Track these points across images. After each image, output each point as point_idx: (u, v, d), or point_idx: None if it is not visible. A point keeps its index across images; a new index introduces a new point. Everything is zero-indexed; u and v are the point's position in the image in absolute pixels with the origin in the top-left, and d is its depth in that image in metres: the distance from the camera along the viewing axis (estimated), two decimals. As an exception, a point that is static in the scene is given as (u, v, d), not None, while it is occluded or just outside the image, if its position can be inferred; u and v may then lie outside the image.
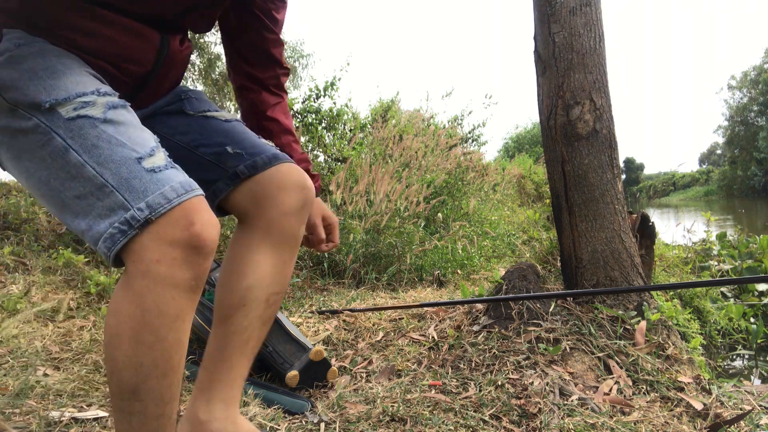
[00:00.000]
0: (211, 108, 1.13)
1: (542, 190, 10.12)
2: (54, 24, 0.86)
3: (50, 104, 0.78)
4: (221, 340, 1.04)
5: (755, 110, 39.11)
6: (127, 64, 0.95)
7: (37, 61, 0.81)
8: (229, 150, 1.03)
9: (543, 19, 2.23)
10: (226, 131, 1.07)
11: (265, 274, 1.03)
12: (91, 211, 0.76)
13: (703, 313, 2.89)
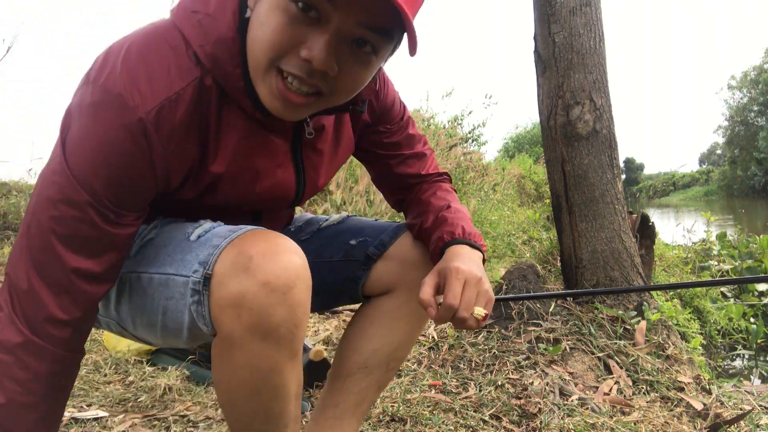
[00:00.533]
0: (320, 221, 1.11)
1: (542, 190, 10.12)
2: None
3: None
4: (336, 396, 1.02)
5: (755, 110, 39.16)
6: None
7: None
8: (353, 243, 1.02)
9: (543, 19, 2.23)
10: (344, 230, 1.06)
11: (394, 340, 1.01)
12: (176, 307, 0.73)
13: (703, 313, 2.89)
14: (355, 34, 0.66)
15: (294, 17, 0.64)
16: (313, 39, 0.65)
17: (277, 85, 0.68)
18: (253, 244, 0.69)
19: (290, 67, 0.67)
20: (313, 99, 0.71)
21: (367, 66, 0.71)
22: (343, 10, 0.64)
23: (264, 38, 0.66)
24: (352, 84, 0.72)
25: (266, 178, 0.84)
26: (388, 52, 0.74)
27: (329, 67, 0.66)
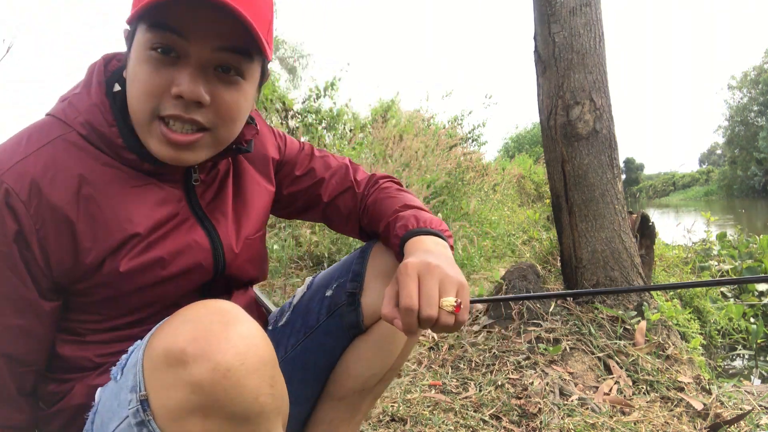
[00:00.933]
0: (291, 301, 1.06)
1: (542, 190, 10.12)
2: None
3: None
4: (329, 413, 0.98)
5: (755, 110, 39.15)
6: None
7: None
8: (329, 293, 0.98)
9: (543, 19, 2.24)
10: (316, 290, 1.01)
11: (392, 359, 0.97)
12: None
13: (703, 313, 2.89)
14: (215, 60, 0.70)
15: (157, 63, 0.68)
16: (178, 76, 0.68)
17: (161, 131, 0.70)
18: (178, 333, 0.60)
19: (168, 110, 0.69)
20: (200, 135, 0.72)
21: (238, 89, 0.73)
22: (197, 41, 0.68)
23: (138, 91, 0.70)
24: (229, 110, 0.73)
25: (171, 238, 0.77)
26: (255, 73, 0.76)
27: (200, 96, 0.69)
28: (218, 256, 0.83)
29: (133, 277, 0.74)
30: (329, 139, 6.26)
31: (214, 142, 0.75)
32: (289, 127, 5.93)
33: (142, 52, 0.69)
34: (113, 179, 0.73)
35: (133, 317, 0.79)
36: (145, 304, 0.79)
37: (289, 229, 3.97)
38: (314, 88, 6.51)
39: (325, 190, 1.00)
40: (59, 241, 0.70)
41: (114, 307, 0.77)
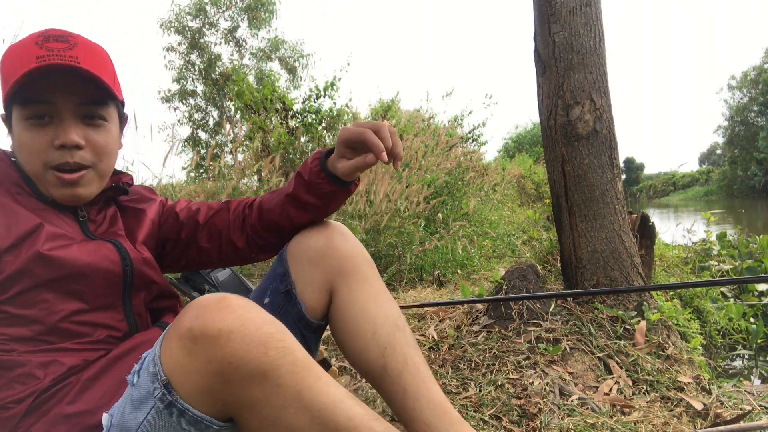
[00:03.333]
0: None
1: (542, 190, 10.12)
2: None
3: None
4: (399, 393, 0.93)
5: (755, 110, 39.09)
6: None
7: None
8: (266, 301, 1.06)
9: (543, 19, 2.24)
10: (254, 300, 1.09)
11: (368, 307, 0.99)
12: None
13: (703, 313, 2.89)
14: (81, 112, 0.89)
15: (37, 128, 0.86)
16: (57, 131, 0.86)
17: (55, 175, 0.88)
18: (183, 318, 0.68)
19: (56, 159, 0.87)
20: (85, 170, 0.90)
21: (104, 130, 0.92)
22: (62, 103, 0.86)
23: (28, 154, 0.87)
24: (101, 147, 0.92)
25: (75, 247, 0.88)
26: (114, 115, 0.95)
27: (76, 141, 0.87)
28: (123, 252, 0.94)
29: (49, 266, 0.83)
30: (329, 139, 6.26)
31: (97, 176, 0.93)
32: (289, 127, 5.92)
33: (22, 124, 0.86)
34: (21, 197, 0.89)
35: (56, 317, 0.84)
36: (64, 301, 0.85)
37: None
38: (314, 88, 6.51)
39: (200, 214, 1.13)
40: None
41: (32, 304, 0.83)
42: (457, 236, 4.55)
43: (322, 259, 1.01)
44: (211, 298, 0.69)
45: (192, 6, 14.84)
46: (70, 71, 0.84)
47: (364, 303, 1.00)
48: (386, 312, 1.00)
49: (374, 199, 3.94)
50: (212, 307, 0.67)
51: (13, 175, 0.91)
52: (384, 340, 0.96)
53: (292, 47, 15.69)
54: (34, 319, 0.83)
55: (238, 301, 0.69)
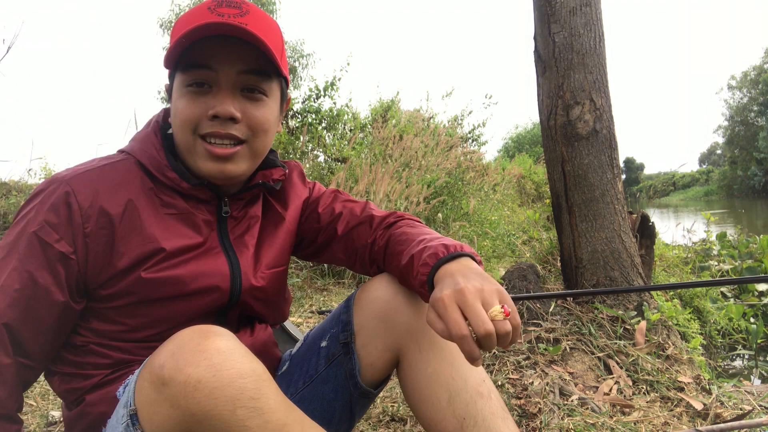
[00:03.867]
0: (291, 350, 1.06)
1: (542, 190, 10.12)
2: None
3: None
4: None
5: (755, 110, 39.11)
6: None
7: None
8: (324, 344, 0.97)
9: (543, 19, 2.24)
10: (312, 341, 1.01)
11: (441, 371, 0.87)
12: None
13: (703, 313, 2.89)
14: (241, 82, 0.83)
15: (193, 95, 0.83)
16: (213, 101, 0.82)
17: (204, 147, 0.83)
18: (161, 352, 0.65)
19: (206, 129, 0.82)
20: (238, 147, 0.85)
21: (263, 105, 0.86)
22: (223, 69, 0.82)
23: (180, 119, 0.83)
24: (258, 123, 0.86)
25: (195, 261, 0.85)
26: (276, 91, 0.89)
27: (232, 113, 0.82)
28: (235, 281, 0.89)
29: (153, 287, 0.82)
30: (329, 139, 6.26)
31: (251, 154, 0.87)
32: (289, 127, 5.93)
33: (181, 90, 0.83)
34: (154, 204, 0.85)
35: (151, 331, 0.84)
36: (162, 319, 0.84)
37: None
38: (314, 87, 6.51)
39: (341, 223, 1.02)
40: (99, 240, 0.79)
41: (134, 316, 0.83)
42: (457, 236, 4.55)
43: (391, 315, 0.90)
44: (192, 335, 0.64)
45: (192, 6, 14.86)
46: (237, 37, 0.79)
47: (437, 366, 0.87)
48: (464, 376, 0.86)
49: (374, 199, 3.94)
50: (189, 347, 0.62)
51: (155, 153, 0.86)
52: (462, 410, 0.83)
53: (292, 47, 15.69)
54: (132, 327, 0.84)
55: (218, 344, 0.63)
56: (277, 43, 0.84)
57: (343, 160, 5.29)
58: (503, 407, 0.86)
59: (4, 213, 4.03)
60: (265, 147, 0.90)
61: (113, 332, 0.83)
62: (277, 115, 0.90)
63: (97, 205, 0.79)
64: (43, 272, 0.77)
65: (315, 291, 3.15)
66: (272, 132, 0.90)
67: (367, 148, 5.81)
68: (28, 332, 0.78)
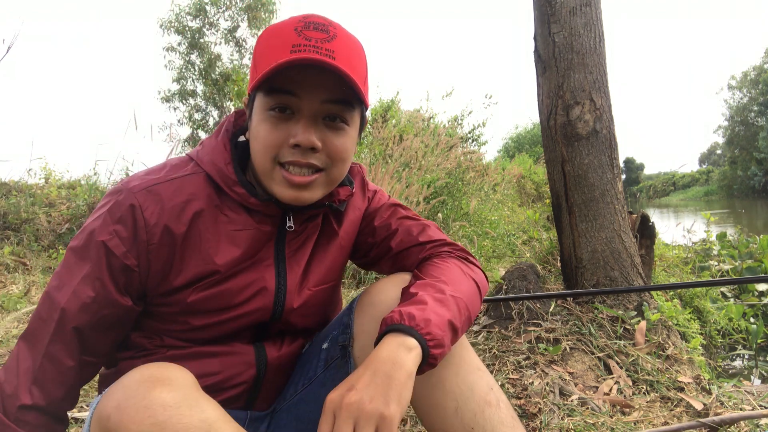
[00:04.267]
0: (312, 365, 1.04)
1: (542, 190, 10.12)
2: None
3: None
4: None
5: (755, 110, 39.11)
6: (226, 392, 0.89)
7: None
8: (325, 346, 0.97)
9: (543, 19, 2.24)
10: (317, 342, 1.01)
11: (446, 379, 0.85)
12: None
13: (703, 313, 2.89)
14: (323, 111, 0.82)
15: (276, 120, 0.81)
16: (295, 128, 0.81)
17: (283, 175, 0.83)
18: (109, 399, 0.64)
19: (287, 157, 0.82)
20: (316, 176, 0.84)
21: (344, 134, 0.85)
22: (307, 97, 0.80)
23: (261, 144, 0.82)
24: (338, 152, 0.85)
25: (244, 274, 0.87)
26: (357, 120, 0.88)
27: (313, 143, 0.81)
28: (279, 300, 0.90)
29: (202, 302, 0.85)
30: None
31: (327, 181, 0.87)
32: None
33: (262, 114, 0.82)
34: (219, 220, 0.86)
35: (198, 335, 0.88)
36: (206, 327, 0.87)
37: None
38: (314, 88, 6.50)
39: (394, 240, 1.01)
40: (160, 256, 0.82)
41: (181, 322, 0.87)
42: (457, 236, 4.55)
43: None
44: (139, 386, 0.63)
45: (192, 6, 14.84)
46: (322, 67, 0.77)
47: (441, 374, 0.84)
48: (471, 385, 0.84)
49: (374, 199, 3.94)
50: (133, 401, 0.61)
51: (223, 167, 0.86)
52: (470, 419, 0.81)
53: (292, 47, 15.66)
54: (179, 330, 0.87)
55: (164, 398, 0.62)
56: (360, 70, 0.83)
57: (343, 160, 5.28)
58: (513, 415, 0.84)
59: (4, 213, 4.03)
60: (342, 175, 0.89)
61: (162, 330, 0.87)
62: (355, 141, 0.90)
63: (162, 223, 0.81)
64: (112, 280, 0.80)
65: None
66: (350, 159, 0.90)
67: (367, 148, 5.81)
68: (96, 335, 0.82)
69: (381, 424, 0.65)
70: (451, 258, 0.96)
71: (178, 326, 0.87)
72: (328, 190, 0.89)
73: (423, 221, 1.05)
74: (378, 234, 1.02)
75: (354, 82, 0.78)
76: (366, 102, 0.85)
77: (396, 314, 0.77)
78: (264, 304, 0.89)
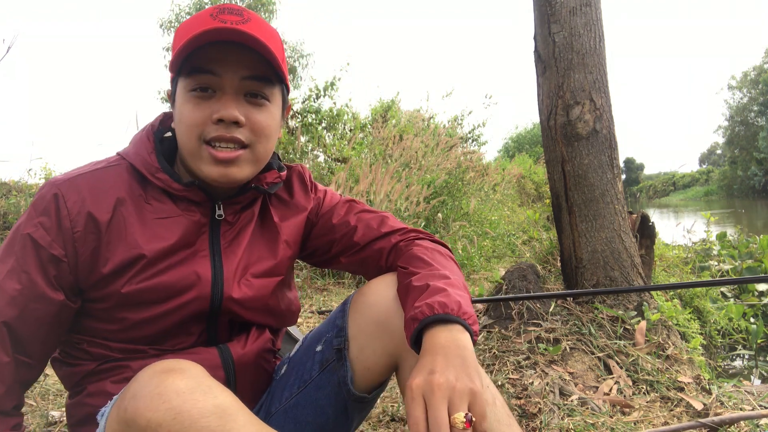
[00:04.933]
0: (290, 354, 1.05)
1: (542, 190, 10.12)
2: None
3: None
4: None
5: (755, 110, 39.05)
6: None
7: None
8: (319, 348, 0.96)
9: (543, 19, 2.24)
10: (309, 344, 1.00)
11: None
12: None
13: (703, 313, 2.89)
14: (245, 88, 0.85)
15: (198, 100, 0.84)
16: (218, 105, 0.83)
17: (209, 152, 0.84)
18: (126, 392, 0.65)
19: (211, 133, 0.84)
20: (241, 151, 0.86)
21: (266, 110, 0.88)
22: (227, 75, 0.83)
23: (185, 124, 0.84)
24: (261, 128, 0.87)
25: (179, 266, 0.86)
26: (278, 97, 0.91)
27: (236, 117, 0.83)
28: (216, 287, 0.89)
29: (134, 296, 0.83)
30: (329, 139, 6.26)
31: (253, 158, 0.88)
32: (289, 127, 5.93)
33: (185, 96, 0.84)
34: (143, 210, 0.86)
35: (139, 333, 0.86)
36: (147, 322, 0.85)
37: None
38: (314, 88, 6.51)
39: (356, 235, 1.02)
40: (87, 244, 0.82)
41: (120, 319, 0.85)
42: (457, 236, 4.55)
43: (390, 319, 0.87)
44: (153, 376, 0.64)
45: (192, 6, 14.84)
46: (241, 43, 0.81)
47: None
48: None
49: (374, 199, 3.94)
50: (147, 390, 0.62)
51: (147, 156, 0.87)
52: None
53: (292, 47, 15.70)
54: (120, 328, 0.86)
55: (177, 384, 0.63)
56: (278, 50, 0.86)
57: (343, 160, 5.29)
58: (508, 414, 0.85)
59: (4, 213, 4.03)
60: (267, 152, 0.91)
61: (104, 331, 0.86)
62: (278, 120, 0.92)
63: (85, 210, 0.81)
64: (39, 273, 0.79)
65: (315, 291, 3.15)
66: (274, 137, 0.91)
67: (367, 148, 5.81)
68: (27, 331, 0.80)
69: (472, 399, 0.67)
70: (424, 242, 0.98)
71: (117, 325, 0.85)
72: (255, 168, 0.90)
73: (380, 213, 1.06)
74: (338, 230, 1.03)
75: (274, 55, 0.82)
76: (287, 82, 0.90)
77: (426, 308, 0.77)
78: (200, 292, 0.87)
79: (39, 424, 1.56)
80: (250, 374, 0.95)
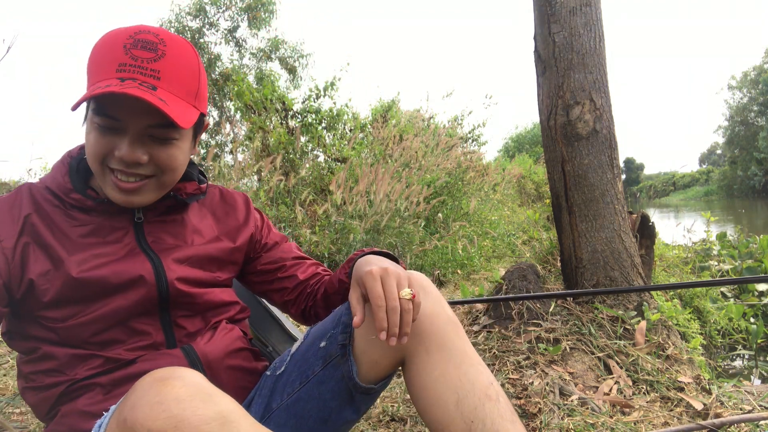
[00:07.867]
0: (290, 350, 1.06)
1: (542, 190, 10.12)
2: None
3: None
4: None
5: (755, 110, 39.03)
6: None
7: None
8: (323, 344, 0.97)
9: (543, 19, 2.24)
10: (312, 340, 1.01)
11: (448, 373, 0.86)
12: None
13: (703, 313, 2.89)
14: (148, 132, 0.85)
15: (103, 129, 0.84)
16: (121, 143, 0.84)
17: (111, 179, 0.87)
18: (126, 401, 0.64)
19: (114, 164, 0.86)
20: (144, 182, 0.88)
21: (172, 146, 0.88)
22: (131, 122, 0.83)
23: (91, 151, 0.86)
24: (166, 163, 0.88)
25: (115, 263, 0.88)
26: (189, 131, 0.91)
27: (137, 159, 0.84)
28: (159, 271, 0.92)
29: (80, 287, 0.85)
30: (329, 139, 6.26)
31: (158, 186, 0.91)
32: (289, 127, 5.92)
33: (92, 124, 0.85)
34: (60, 220, 0.89)
35: (94, 328, 0.87)
36: (100, 317, 0.87)
37: (289, 230, 3.97)
38: (314, 88, 6.51)
39: (297, 270, 1.12)
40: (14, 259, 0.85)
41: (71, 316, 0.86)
42: (457, 236, 4.55)
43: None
44: (152, 384, 0.63)
45: (192, 6, 14.84)
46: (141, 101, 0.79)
47: (444, 368, 0.87)
48: (472, 379, 0.86)
49: (374, 199, 3.94)
50: (147, 398, 0.62)
51: (60, 178, 0.92)
52: (470, 413, 0.83)
53: (292, 47, 15.69)
54: (74, 325, 0.87)
55: (177, 392, 0.62)
56: (190, 85, 0.86)
57: (343, 160, 5.29)
58: (512, 410, 0.86)
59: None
60: (174, 179, 0.93)
61: (58, 332, 0.87)
62: (188, 148, 0.93)
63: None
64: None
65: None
66: (182, 165, 0.93)
67: (367, 148, 5.81)
68: None
69: (410, 281, 0.86)
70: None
71: (73, 320, 0.86)
72: (162, 192, 0.92)
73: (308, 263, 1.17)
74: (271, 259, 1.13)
75: (170, 114, 0.80)
76: (199, 110, 0.88)
77: (360, 253, 1.00)
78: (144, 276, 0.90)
79: (39, 424, 1.56)
80: (224, 373, 0.95)
